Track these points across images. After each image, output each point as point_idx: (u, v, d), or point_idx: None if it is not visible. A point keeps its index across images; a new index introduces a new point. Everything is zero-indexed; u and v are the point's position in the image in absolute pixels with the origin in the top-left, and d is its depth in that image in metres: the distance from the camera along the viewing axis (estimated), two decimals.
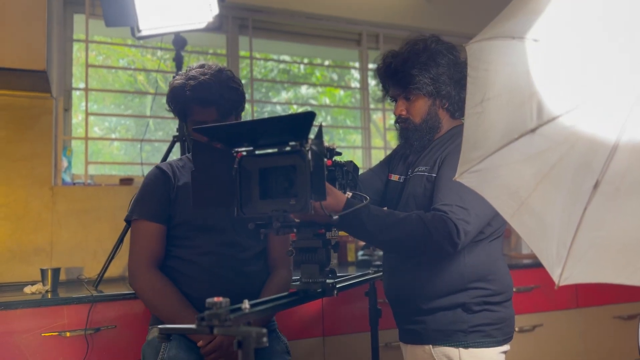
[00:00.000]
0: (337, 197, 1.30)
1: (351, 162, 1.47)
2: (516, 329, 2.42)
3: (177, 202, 1.63)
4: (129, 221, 1.68)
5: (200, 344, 1.49)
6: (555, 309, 2.53)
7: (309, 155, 1.15)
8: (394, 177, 1.66)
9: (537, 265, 2.52)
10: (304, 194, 1.16)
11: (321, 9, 3.14)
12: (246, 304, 1.06)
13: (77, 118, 2.79)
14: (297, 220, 1.28)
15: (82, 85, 2.69)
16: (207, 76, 1.60)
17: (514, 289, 2.38)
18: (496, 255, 1.53)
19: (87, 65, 2.59)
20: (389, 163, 1.75)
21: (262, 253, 1.71)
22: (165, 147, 2.83)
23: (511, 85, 1.05)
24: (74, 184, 2.50)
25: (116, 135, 3.04)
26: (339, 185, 1.35)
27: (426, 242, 1.34)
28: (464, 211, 1.35)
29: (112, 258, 2.10)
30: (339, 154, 1.36)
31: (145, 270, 1.58)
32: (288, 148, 1.18)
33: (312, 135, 1.17)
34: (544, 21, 0.99)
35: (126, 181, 2.54)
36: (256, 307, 1.10)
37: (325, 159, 1.24)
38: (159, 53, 3.07)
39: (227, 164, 1.24)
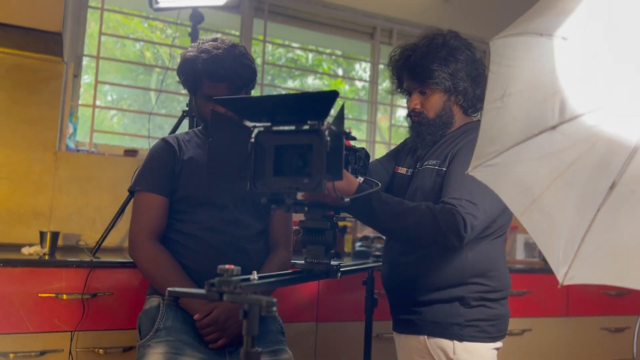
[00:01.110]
0: (350, 180, 1.31)
1: (364, 149, 1.48)
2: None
3: (182, 176, 1.63)
4: (132, 192, 1.68)
5: (196, 317, 1.50)
6: (546, 315, 2.56)
7: (327, 135, 1.16)
8: (402, 170, 1.66)
9: (530, 271, 2.55)
10: (318, 174, 1.17)
11: None
12: (254, 275, 1.08)
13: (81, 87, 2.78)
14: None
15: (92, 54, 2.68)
16: (220, 50, 1.60)
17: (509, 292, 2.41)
18: (498, 253, 1.54)
19: (101, 33, 2.58)
20: (395, 156, 1.76)
21: (263, 232, 1.71)
22: (169, 122, 2.84)
23: (535, 81, 1.05)
24: (78, 150, 2.49)
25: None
26: (351, 169, 1.36)
27: (434, 233, 1.35)
28: (472, 206, 1.36)
29: (112, 227, 2.09)
30: (354, 138, 1.37)
31: (146, 241, 1.58)
32: (306, 127, 1.19)
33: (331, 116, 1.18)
34: (575, 20, 0.99)
35: (131, 152, 2.54)
36: (263, 279, 1.11)
37: (345, 140, 1.24)
38: (169, 31, 3.06)
39: (244, 137, 1.24)
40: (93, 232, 2.36)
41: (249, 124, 1.23)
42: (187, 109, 2.19)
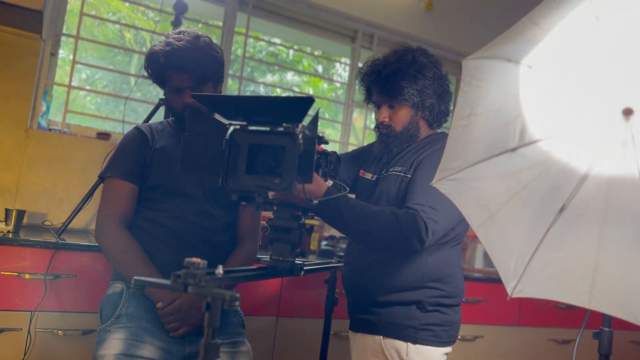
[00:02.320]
0: (319, 183, 1.35)
1: (335, 152, 1.53)
2: (459, 336, 2.53)
3: (153, 165, 1.65)
4: (102, 178, 1.69)
5: (159, 305, 1.52)
6: (498, 323, 2.66)
7: (300, 139, 1.20)
8: (367, 176, 1.72)
9: (486, 280, 2.64)
10: (289, 175, 1.21)
11: (323, 0, 3.17)
12: (220, 270, 1.11)
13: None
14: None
15: (71, 32, 2.65)
16: (182, 42, 1.62)
17: (463, 299, 2.50)
18: (455, 260, 1.62)
19: (82, 14, 2.55)
20: (359, 158, 1.80)
21: (231, 225, 1.74)
22: (144, 107, 2.83)
23: (500, 104, 1.12)
24: (50, 130, 2.47)
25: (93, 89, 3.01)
26: (322, 172, 1.41)
27: (397, 236, 1.41)
28: (434, 212, 1.43)
29: (80, 209, 2.09)
30: (326, 142, 1.41)
31: (113, 227, 1.59)
32: (281, 128, 1.23)
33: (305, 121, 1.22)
34: (541, 50, 1.06)
35: (103, 135, 2.52)
36: (228, 274, 1.15)
37: (317, 145, 1.29)
38: (151, 14, 3.04)
39: (219, 134, 1.27)
40: (59, 212, 2.34)
41: (224, 121, 1.27)
42: (164, 97, 2.19)
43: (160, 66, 1.63)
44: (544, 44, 1.08)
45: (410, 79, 1.58)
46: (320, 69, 3.71)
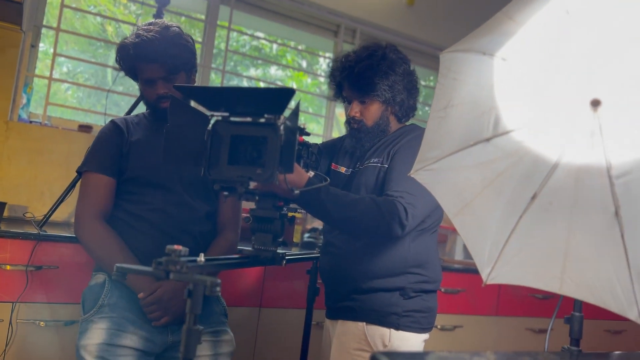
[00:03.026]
0: (301, 174, 1.38)
1: (317, 144, 1.55)
2: (438, 326, 2.59)
3: (129, 157, 1.65)
4: (80, 172, 1.69)
5: (141, 295, 1.53)
6: (476, 313, 2.71)
7: (282, 130, 1.22)
8: (341, 169, 1.75)
9: (466, 271, 2.69)
10: (270, 165, 1.23)
11: None
12: (201, 257, 1.13)
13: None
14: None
15: (51, 24, 2.63)
16: (151, 33, 1.63)
17: (442, 289, 2.55)
18: (433, 246, 1.67)
19: (62, 6, 2.53)
20: (330, 151, 1.83)
21: (211, 215, 1.75)
22: (125, 100, 2.82)
23: (475, 96, 1.15)
24: (31, 122, 2.45)
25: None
26: (303, 163, 1.43)
27: (378, 222, 1.45)
28: (412, 197, 1.48)
29: (62, 201, 2.08)
30: (308, 134, 1.44)
31: (92, 221, 1.59)
32: (263, 120, 1.25)
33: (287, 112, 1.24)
34: (515, 43, 1.09)
35: (85, 128, 2.51)
36: (210, 262, 1.17)
37: (298, 136, 1.31)
38: (133, 7, 3.03)
39: (201, 125, 1.29)
40: (41, 205, 2.33)
41: (207, 112, 1.28)
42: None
43: (131, 58, 1.63)
44: (517, 37, 1.11)
45: (381, 75, 1.61)
46: (304, 64, 3.73)
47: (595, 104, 1.01)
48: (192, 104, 1.48)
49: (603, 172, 1.01)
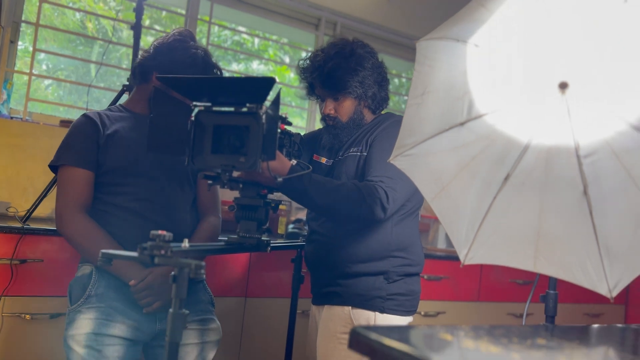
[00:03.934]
0: (284, 162, 1.41)
1: (299, 134, 1.59)
2: (421, 312, 2.64)
3: (107, 149, 1.64)
4: (54, 167, 1.67)
5: (132, 282, 1.52)
6: (459, 299, 2.77)
7: (264, 119, 1.25)
8: (322, 160, 1.79)
9: (448, 258, 2.75)
10: (253, 154, 1.26)
11: None
12: (185, 243, 1.15)
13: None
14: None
15: (30, 20, 2.62)
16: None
17: (425, 276, 2.60)
18: (415, 230, 1.72)
19: (42, 1, 2.52)
20: (311, 143, 1.86)
21: (192, 201, 1.76)
22: (107, 96, 2.82)
23: (449, 82, 1.19)
24: (12, 118, 2.44)
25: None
26: (286, 152, 1.47)
27: (360, 206, 1.49)
28: (392, 180, 1.52)
29: (44, 196, 2.08)
30: (289, 123, 1.47)
31: (74, 215, 1.58)
32: (244, 109, 1.27)
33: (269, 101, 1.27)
34: (486, 29, 1.13)
35: (67, 123, 2.51)
36: (194, 247, 1.20)
37: (280, 124, 1.34)
38: (112, 3, 3.02)
39: (184, 115, 1.31)
40: (23, 201, 2.33)
41: (189, 102, 1.30)
42: (127, 83, 2.20)
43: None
44: (489, 24, 1.15)
45: (351, 72, 1.65)
46: (287, 59, 3.75)
47: (563, 86, 1.05)
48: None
49: (571, 152, 1.06)
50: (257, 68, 3.66)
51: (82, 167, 1.62)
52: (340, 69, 1.64)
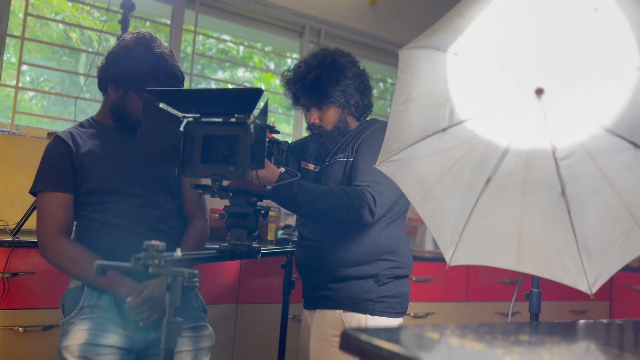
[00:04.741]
0: (272, 169, 1.44)
1: (286, 142, 1.62)
2: (411, 314, 2.68)
3: (83, 169, 1.63)
4: (33, 193, 1.67)
5: (129, 299, 1.51)
6: (447, 300, 2.82)
7: (252, 128, 1.28)
8: (310, 166, 1.82)
9: (435, 259, 2.79)
10: (243, 163, 1.29)
11: None
12: (178, 252, 1.18)
13: None
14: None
15: (14, 34, 2.62)
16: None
17: (414, 278, 2.64)
18: (403, 233, 1.76)
19: (26, 14, 2.53)
20: (299, 150, 1.89)
21: (179, 209, 1.77)
22: (93, 107, 2.83)
23: (431, 89, 1.23)
24: None
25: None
26: (274, 160, 1.50)
27: (349, 210, 1.52)
28: (378, 185, 1.56)
29: (34, 209, 2.09)
30: (277, 132, 1.50)
31: (56, 240, 1.58)
32: (233, 119, 1.31)
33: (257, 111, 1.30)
34: (465, 38, 1.18)
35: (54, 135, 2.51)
36: (187, 256, 1.22)
37: (268, 133, 1.38)
38: (96, 13, 3.04)
39: (174, 126, 1.34)
40: (12, 214, 2.33)
41: (179, 114, 1.33)
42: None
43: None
44: (467, 33, 1.20)
45: (333, 82, 1.69)
46: (272, 65, 3.78)
47: (539, 92, 1.10)
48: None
49: (549, 155, 1.10)
50: (243, 75, 3.70)
51: (59, 190, 1.61)
52: (322, 79, 1.68)
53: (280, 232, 2.73)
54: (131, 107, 1.67)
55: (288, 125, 3.56)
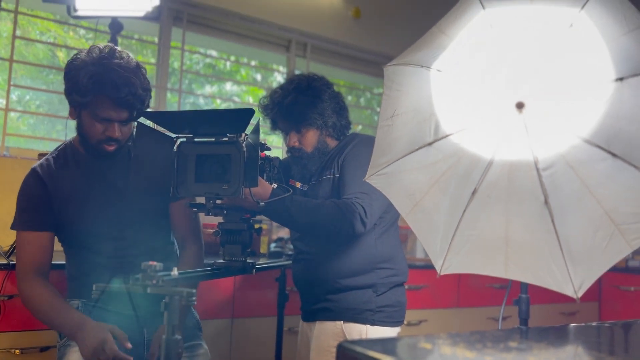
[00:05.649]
0: (265, 186, 1.48)
1: (278, 158, 1.66)
2: (405, 322, 2.70)
3: (62, 211, 1.60)
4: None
5: (129, 345, 1.48)
6: (439, 307, 2.85)
7: (244, 147, 1.32)
8: (297, 184, 1.86)
9: (427, 267, 2.83)
10: (236, 181, 1.33)
11: (256, 12, 3.29)
12: (175, 271, 1.20)
13: None
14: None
15: (1, 57, 2.64)
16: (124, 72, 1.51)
17: (406, 286, 2.68)
18: (397, 241, 1.80)
19: (14, 37, 2.55)
20: (287, 168, 1.90)
21: (168, 237, 1.74)
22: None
23: (416, 105, 1.28)
24: None
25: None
26: (266, 177, 1.54)
27: (341, 222, 1.56)
28: (367, 196, 1.60)
29: None
30: (269, 149, 1.54)
31: (27, 283, 1.56)
32: (225, 139, 1.34)
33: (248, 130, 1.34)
34: (448, 55, 1.23)
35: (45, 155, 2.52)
36: (183, 274, 1.25)
37: (260, 152, 1.41)
38: (82, 32, 3.06)
39: (167, 147, 1.37)
40: (4, 235, 2.32)
41: (171, 135, 1.36)
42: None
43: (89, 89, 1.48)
44: (449, 50, 1.25)
45: (310, 105, 1.73)
46: (259, 77, 3.82)
47: (520, 106, 1.15)
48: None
49: (531, 166, 1.15)
50: (231, 89, 3.73)
51: (36, 229, 1.58)
52: (299, 102, 1.72)
53: (272, 244, 2.75)
54: (86, 129, 1.56)
55: (277, 137, 3.58)
